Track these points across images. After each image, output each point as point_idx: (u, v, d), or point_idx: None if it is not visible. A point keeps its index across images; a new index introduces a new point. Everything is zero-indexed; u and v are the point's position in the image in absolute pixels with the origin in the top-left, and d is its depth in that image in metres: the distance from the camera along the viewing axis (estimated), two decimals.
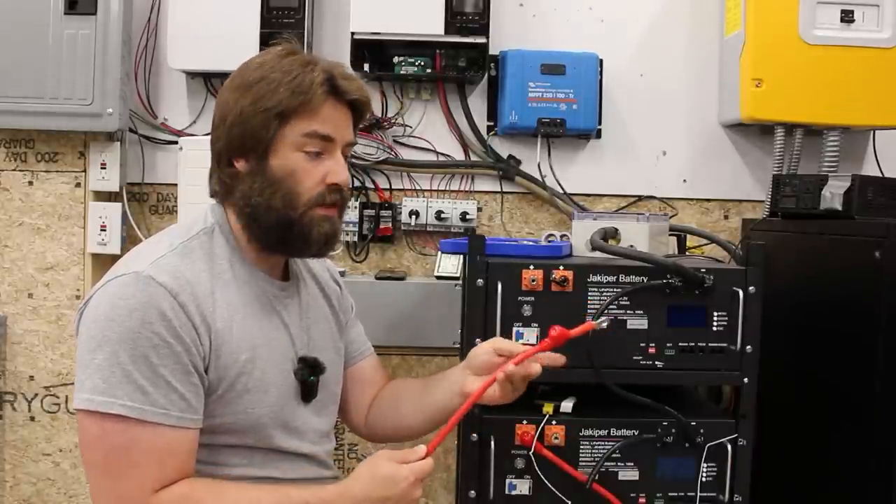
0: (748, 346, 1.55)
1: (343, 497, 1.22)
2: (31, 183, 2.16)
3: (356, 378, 1.55)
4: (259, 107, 1.26)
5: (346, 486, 1.24)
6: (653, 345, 1.55)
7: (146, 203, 2.19)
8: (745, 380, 1.56)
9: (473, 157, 2.19)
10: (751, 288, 1.55)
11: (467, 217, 2.15)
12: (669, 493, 1.56)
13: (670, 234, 1.87)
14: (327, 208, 1.30)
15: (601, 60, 2.13)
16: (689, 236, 1.99)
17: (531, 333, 1.53)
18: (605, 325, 1.45)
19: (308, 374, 1.35)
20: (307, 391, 1.35)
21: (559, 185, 2.18)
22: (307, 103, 1.26)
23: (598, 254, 1.61)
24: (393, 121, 2.16)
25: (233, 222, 1.32)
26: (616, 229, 1.68)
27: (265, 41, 1.97)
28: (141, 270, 1.20)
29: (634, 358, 1.55)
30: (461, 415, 1.30)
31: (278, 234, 1.29)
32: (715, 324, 1.56)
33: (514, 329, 1.53)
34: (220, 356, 1.23)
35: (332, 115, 1.29)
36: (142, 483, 1.17)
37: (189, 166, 2.00)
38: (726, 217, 2.23)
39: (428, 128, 2.18)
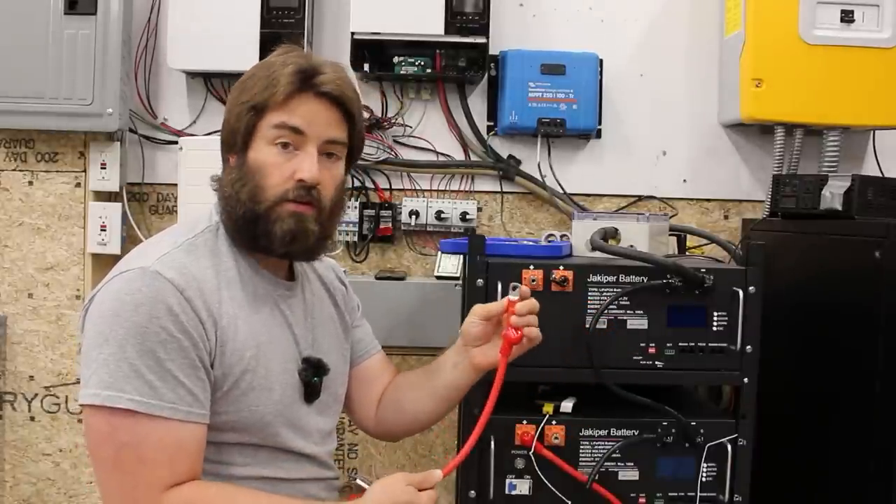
0: (748, 346, 1.55)
1: None
2: (31, 183, 2.16)
3: (362, 377, 1.54)
4: (238, 100, 1.28)
5: None
6: (653, 345, 1.55)
7: (146, 203, 2.19)
8: (745, 380, 1.56)
9: (473, 157, 2.19)
10: (751, 288, 1.55)
11: (467, 217, 2.14)
12: (669, 493, 1.56)
13: (670, 234, 1.87)
14: (299, 205, 1.26)
15: (601, 60, 2.13)
16: (689, 236, 1.99)
17: None
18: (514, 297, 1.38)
19: (312, 375, 1.34)
20: (310, 392, 1.35)
21: (559, 185, 2.18)
22: (274, 95, 1.25)
23: (598, 254, 1.61)
24: (393, 121, 2.16)
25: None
26: (616, 229, 1.68)
27: (265, 41, 1.97)
28: (147, 266, 1.19)
29: (634, 358, 1.55)
30: (500, 379, 1.33)
31: (246, 229, 1.27)
32: (715, 324, 1.56)
33: None
34: (225, 353, 1.23)
35: (303, 108, 1.27)
36: (152, 481, 1.16)
37: (189, 166, 2.00)
38: (726, 217, 2.23)
39: (428, 128, 2.18)
